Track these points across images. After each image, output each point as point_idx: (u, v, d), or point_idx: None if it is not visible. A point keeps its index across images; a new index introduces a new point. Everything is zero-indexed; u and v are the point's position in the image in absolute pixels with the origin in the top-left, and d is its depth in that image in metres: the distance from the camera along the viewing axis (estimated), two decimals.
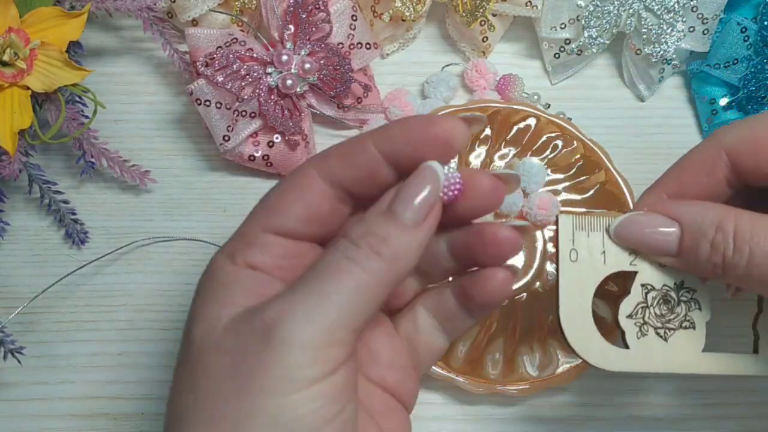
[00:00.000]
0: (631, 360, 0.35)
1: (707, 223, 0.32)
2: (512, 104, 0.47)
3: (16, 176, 0.45)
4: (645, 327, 0.35)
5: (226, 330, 0.29)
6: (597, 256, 0.34)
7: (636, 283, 0.35)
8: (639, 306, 0.35)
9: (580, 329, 0.34)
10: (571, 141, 0.47)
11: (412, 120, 0.31)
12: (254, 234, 0.31)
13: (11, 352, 0.43)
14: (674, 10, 0.47)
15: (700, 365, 0.35)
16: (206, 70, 0.44)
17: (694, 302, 0.35)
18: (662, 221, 0.34)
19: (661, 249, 0.34)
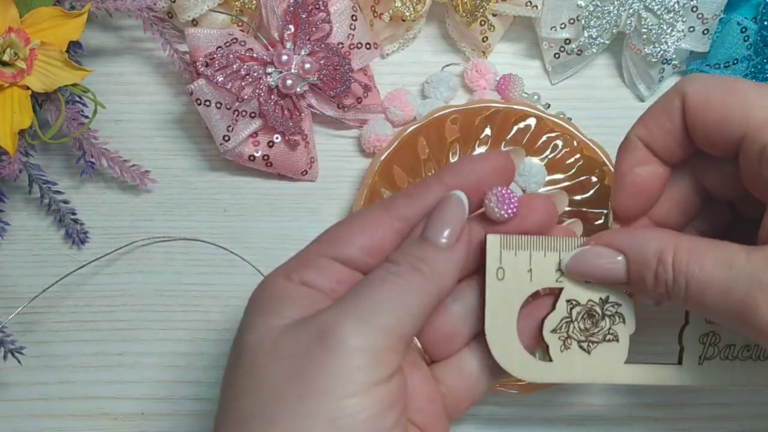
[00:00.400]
0: (553, 372, 0.36)
1: (649, 254, 0.33)
2: (512, 104, 0.47)
3: (16, 176, 0.45)
4: (569, 341, 0.36)
5: (282, 336, 0.30)
6: (523, 274, 0.35)
7: (561, 299, 0.36)
8: (563, 321, 0.36)
9: (504, 344, 0.35)
10: (571, 141, 0.47)
11: (474, 157, 0.36)
12: (313, 258, 0.33)
13: (11, 352, 0.43)
14: (674, 10, 0.47)
15: (622, 376, 0.36)
16: (206, 70, 0.44)
17: (618, 316, 0.36)
18: (608, 253, 0.34)
19: (613, 279, 0.35)
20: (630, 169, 0.36)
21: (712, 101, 0.33)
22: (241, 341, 0.31)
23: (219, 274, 0.47)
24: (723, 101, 0.33)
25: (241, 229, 0.48)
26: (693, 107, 0.34)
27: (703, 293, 0.32)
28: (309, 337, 0.29)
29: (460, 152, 0.47)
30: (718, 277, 0.31)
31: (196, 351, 0.46)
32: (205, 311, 0.47)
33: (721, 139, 0.33)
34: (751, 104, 0.32)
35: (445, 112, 0.47)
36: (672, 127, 0.35)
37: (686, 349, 0.37)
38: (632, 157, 0.36)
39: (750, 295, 0.30)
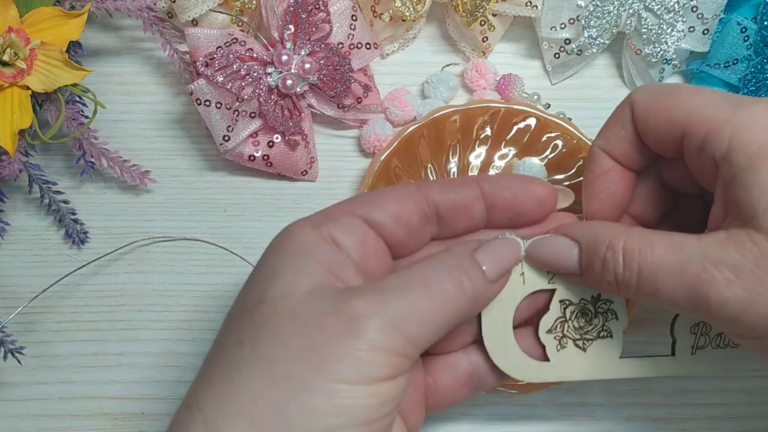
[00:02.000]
0: (551, 371, 0.37)
1: (599, 241, 0.34)
2: (512, 104, 0.47)
3: (16, 176, 0.45)
4: (564, 340, 0.37)
5: (305, 300, 0.30)
6: (516, 278, 0.36)
7: (555, 299, 0.37)
8: (558, 321, 0.37)
9: (501, 347, 0.36)
10: (571, 141, 0.47)
11: (518, 176, 0.38)
12: (341, 215, 0.33)
13: (11, 352, 0.43)
14: (674, 10, 0.47)
15: (618, 370, 0.37)
16: (206, 70, 0.44)
17: (611, 312, 0.37)
18: (565, 242, 0.35)
19: (566, 268, 0.35)
20: (596, 177, 0.37)
21: (656, 106, 0.35)
22: (261, 289, 0.31)
23: (219, 274, 0.47)
24: (666, 104, 0.34)
25: (241, 229, 0.48)
26: (641, 113, 0.35)
27: (656, 277, 0.32)
28: (335, 315, 0.30)
29: (460, 152, 0.47)
30: (670, 259, 0.32)
31: (196, 351, 0.46)
32: (205, 311, 0.47)
33: (669, 139, 0.34)
34: (692, 104, 0.34)
35: (445, 112, 0.47)
36: (626, 134, 0.36)
37: (679, 341, 0.38)
38: (597, 166, 0.37)
39: (706, 271, 0.31)
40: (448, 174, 0.47)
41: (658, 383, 0.46)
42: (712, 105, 0.33)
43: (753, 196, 0.31)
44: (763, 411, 0.46)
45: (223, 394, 0.29)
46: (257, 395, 0.29)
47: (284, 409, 0.28)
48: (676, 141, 0.34)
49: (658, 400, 0.46)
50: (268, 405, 0.28)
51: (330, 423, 0.28)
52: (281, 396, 0.29)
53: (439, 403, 0.37)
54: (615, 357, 0.37)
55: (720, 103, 0.33)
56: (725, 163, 0.32)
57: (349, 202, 0.34)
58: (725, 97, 0.34)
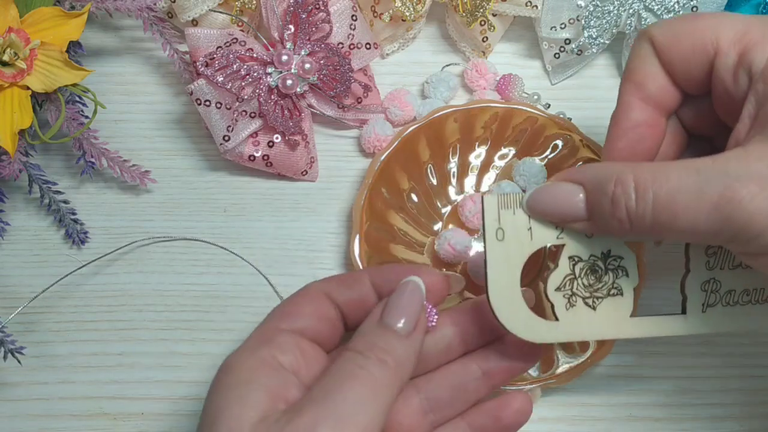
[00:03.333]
0: (559, 331, 0.35)
1: (605, 179, 0.32)
2: (512, 104, 0.47)
3: (16, 176, 0.45)
4: (573, 298, 0.36)
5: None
6: (523, 233, 0.35)
7: (563, 256, 0.35)
8: (567, 278, 0.35)
9: (508, 306, 0.35)
10: (571, 141, 0.47)
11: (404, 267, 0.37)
12: (272, 334, 0.34)
13: (11, 352, 0.43)
14: (674, 10, 0.47)
15: (629, 329, 0.36)
16: (206, 70, 0.44)
17: (621, 269, 0.36)
18: (568, 187, 0.34)
19: (572, 215, 0.34)
20: (623, 133, 0.36)
21: (680, 32, 0.33)
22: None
23: (219, 274, 0.47)
24: (692, 29, 0.33)
25: (241, 229, 0.48)
26: (665, 44, 0.34)
27: (674, 204, 0.31)
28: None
29: (460, 152, 0.47)
30: (687, 182, 0.30)
31: (196, 351, 0.46)
32: (205, 311, 0.47)
33: (698, 65, 0.33)
34: (720, 23, 0.33)
35: (445, 112, 0.47)
36: (656, 69, 0.35)
37: (689, 298, 0.36)
38: (626, 119, 0.36)
39: (729, 189, 0.30)
40: (448, 174, 0.47)
41: (657, 383, 0.46)
42: (743, 22, 0.32)
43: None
44: (763, 411, 0.46)
45: None
46: None
47: None
48: (705, 66, 0.33)
49: (658, 400, 0.46)
50: None
51: None
52: None
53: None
54: (626, 316, 0.36)
55: (751, 19, 0.32)
56: (761, 80, 0.31)
57: (272, 320, 0.35)
58: (751, 17, 0.33)
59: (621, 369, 0.46)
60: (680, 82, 0.35)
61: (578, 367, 0.44)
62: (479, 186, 0.47)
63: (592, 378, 0.45)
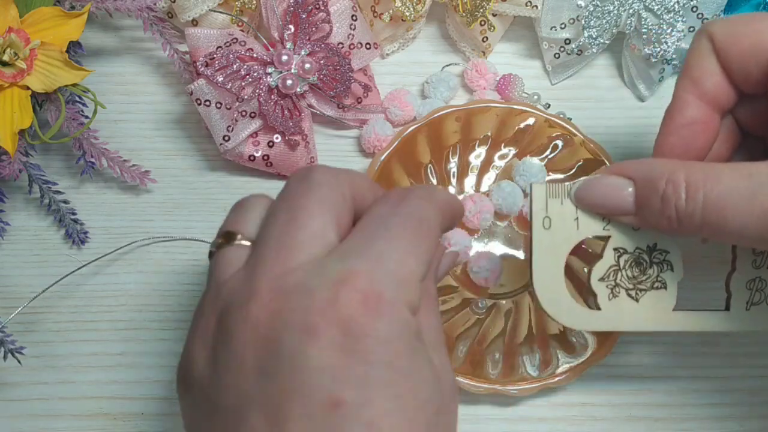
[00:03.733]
0: (601, 320, 0.36)
1: (657, 176, 0.33)
2: (512, 104, 0.47)
3: (16, 176, 0.45)
4: (617, 289, 0.36)
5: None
6: (570, 223, 0.35)
7: (609, 247, 0.36)
8: (611, 269, 0.36)
9: (552, 293, 0.35)
10: (571, 141, 0.47)
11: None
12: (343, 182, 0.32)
13: (11, 352, 0.43)
14: (674, 10, 0.47)
15: (671, 323, 0.36)
16: (206, 70, 0.44)
17: (666, 263, 0.36)
18: (618, 181, 0.34)
19: (620, 208, 0.34)
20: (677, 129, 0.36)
21: (740, 32, 0.33)
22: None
23: None
24: (753, 30, 0.33)
25: None
26: (724, 43, 0.34)
27: (724, 207, 0.31)
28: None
29: (460, 152, 0.47)
30: (739, 186, 0.30)
31: None
32: None
33: (756, 66, 0.33)
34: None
35: (445, 112, 0.47)
36: (714, 66, 0.35)
37: (733, 295, 0.37)
38: (681, 116, 0.35)
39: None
40: (448, 174, 0.47)
41: (657, 383, 0.46)
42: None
43: None
44: (763, 411, 0.46)
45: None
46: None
47: None
48: (763, 66, 0.33)
49: (658, 400, 0.46)
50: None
51: None
52: None
53: None
54: (668, 309, 0.36)
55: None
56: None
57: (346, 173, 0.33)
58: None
59: (621, 369, 0.46)
60: (737, 81, 0.35)
61: (578, 367, 0.44)
62: (479, 186, 0.47)
63: (592, 378, 0.45)
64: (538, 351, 0.44)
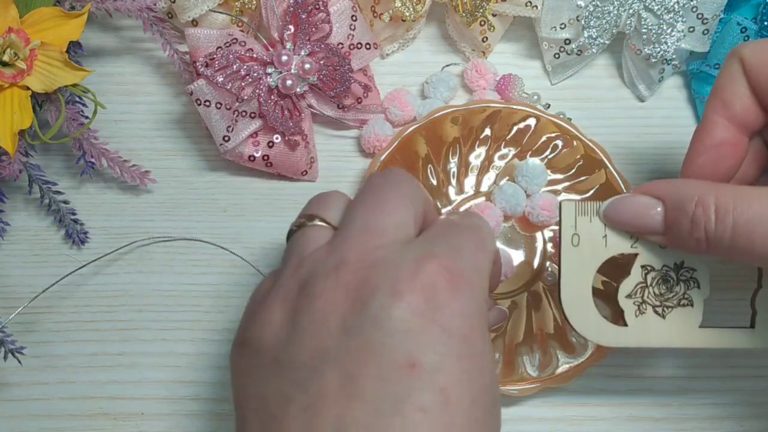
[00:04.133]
0: (628, 336, 0.37)
1: (686, 198, 0.33)
2: (512, 104, 0.47)
3: (16, 176, 0.45)
4: (644, 306, 0.37)
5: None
6: (598, 240, 0.36)
7: (636, 264, 0.36)
8: (638, 286, 0.36)
9: (580, 309, 0.36)
10: (571, 141, 0.47)
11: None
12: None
13: (11, 352, 0.43)
14: (674, 10, 0.47)
15: (697, 339, 0.37)
16: (206, 71, 0.44)
17: (693, 281, 0.37)
18: (647, 201, 0.35)
19: (648, 228, 0.35)
20: (705, 150, 0.36)
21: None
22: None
23: (219, 274, 0.47)
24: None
25: (241, 229, 0.48)
26: (755, 66, 0.34)
27: (753, 232, 0.31)
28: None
29: (460, 152, 0.47)
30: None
31: (196, 351, 0.46)
32: (205, 311, 0.47)
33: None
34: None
35: (445, 112, 0.47)
36: (744, 89, 0.35)
37: (759, 313, 0.37)
38: (709, 137, 0.36)
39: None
40: (448, 174, 0.47)
41: (657, 383, 0.46)
42: None
43: None
44: (763, 411, 0.46)
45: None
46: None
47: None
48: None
49: (658, 400, 0.46)
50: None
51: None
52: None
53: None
54: (695, 326, 0.37)
55: None
56: None
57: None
58: None
59: (621, 369, 0.46)
60: (767, 103, 0.35)
61: (578, 367, 0.44)
62: (479, 186, 0.47)
63: (592, 378, 0.45)
64: (537, 351, 0.44)
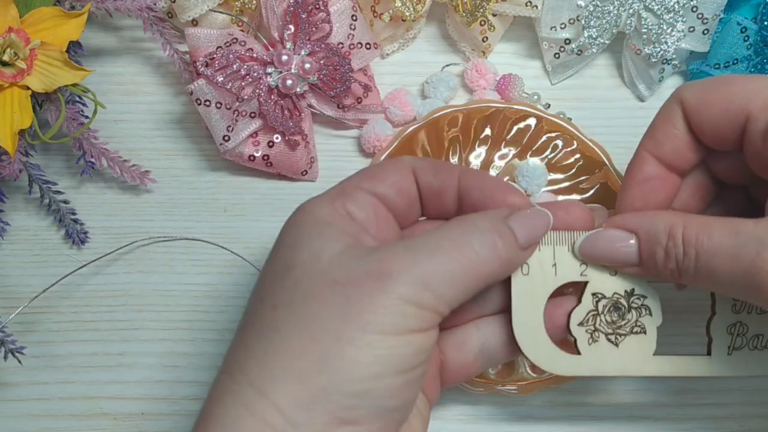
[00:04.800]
0: (582, 365, 0.36)
1: (660, 231, 0.34)
2: (512, 104, 0.47)
3: (16, 176, 0.45)
4: (596, 334, 0.37)
5: (335, 261, 0.31)
6: (548, 269, 0.36)
7: (587, 292, 0.36)
8: (590, 314, 0.36)
9: (533, 338, 0.36)
10: (571, 141, 0.47)
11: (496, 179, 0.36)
12: (352, 189, 0.34)
13: (11, 352, 0.43)
14: (674, 10, 0.47)
15: (652, 368, 0.37)
16: (206, 70, 0.44)
17: (644, 308, 0.37)
18: (620, 234, 0.35)
19: (624, 261, 0.35)
20: (636, 184, 0.37)
21: (711, 97, 0.34)
22: (288, 256, 0.32)
23: (219, 274, 0.47)
24: (722, 94, 0.34)
25: (241, 229, 0.48)
26: (694, 107, 0.35)
27: (713, 261, 0.32)
28: (366, 273, 0.31)
29: (460, 152, 0.47)
30: (726, 244, 0.32)
31: (196, 351, 0.46)
32: (205, 311, 0.47)
33: (728, 129, 0.34)
34: (749, 89, 0.34)
35: (445, 112, 0.47)
36: (678, 132, 0.36)
37: (715, 340, 0.37)
38: (639, 172, 0.37)
39: (760, 257, 0.31)
40: None
41: (657, 383, 0.46)
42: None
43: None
44: (763, 411, 0.46)
45: (264, 355, 0.30)
46: (298, 352, 0.30)
47: (326, 362, 0.29)
48: (735, 130, 0.34)
49: (658, 400, 0.46)
50: (310, 360, 0.30)
51: (370, 371, 0.30)
52: (322, 350, 0.30)
53: (452, 379, 0.37)
54: (649, 354, 0.37)
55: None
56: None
57: (355, 178, 0.35)
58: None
59: None
60: (710, 143, 0.36)
61: None
62: None
63: (592, 378, 0.45)
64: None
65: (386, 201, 0.35)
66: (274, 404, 0.29)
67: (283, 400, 0.29)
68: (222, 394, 0.31)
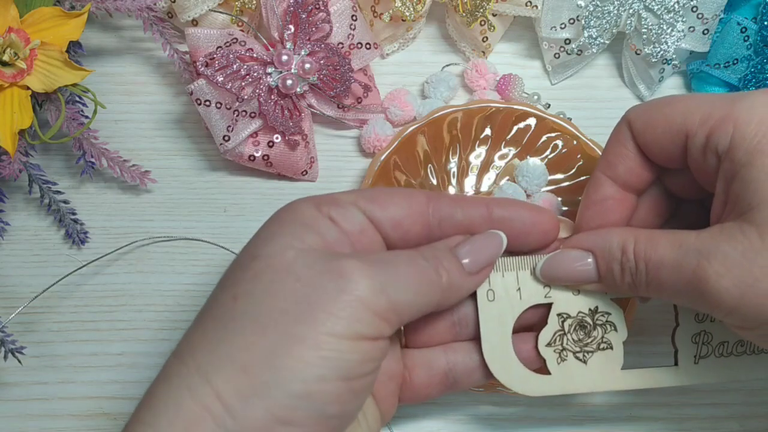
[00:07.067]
0: (552, 384, 0.37)
1: (614, 247, 0.35)
2: (512, 104, 0.47)
3: (16, 176, 0.45)
4: (564, 353, 0.37)
5: (298, 257, 0.32)
6: (513, 293, 0.37)
7: (552, 313, 0.37)
8: (557, 334, 0.37)
9: (502, 361, 0.37)
10: (571, 141, 0.47)
11: (527, 205, 0.37)
12: (345, 201, 0.34)
13: (11, 352, 0.43)
14: (674, 10, 0.47)
15: (621, 382, 0.38)
16: (206, 70, 0.44)
17: (609, 324, 0.37)
18: (578, 254, 0.37)
19: (584, 279, 0.37)
20: (592, 204, 0.38)
21: (654, 117, 0.36)
22: (257, 248, 0.33)
23: (219, 274, 0.47)
24: (664, 114, 0.35)
25: (241, 229, 0.48)
26: (640, 128, 0.36)
27: (659, 273, 0.34)
28: (326, 273, 0.31)
29: (460, 152, 0.47)
30: (670, 257, 0.33)
31: None
32: None
33: (672, 147, 0.35)
34: (688, 108, 0.35)
35: (445, 112, 0.47)
36: (628, 152, 0.37)
37: (681, 350, 0.38)
38: (595, 193, 0.38)
39: (700, 267, 0.32)
40: (448, 174, 0.47)
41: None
42: (709, 103, 0.34)
43: (749, 190, 0.32)
44: (763, 411, 0.46)
45: (217, 343, 0.31)
46: (248, 344, 0.30)
47: (273, 357, 0.30)
48: (679, 148, 0.35)
49: (658, 400, 0.46)
50: (257, 353, 0.30)
51: (314, 373, 0.30)
52: (271, 345, 0.30)
53: (412, 397, 0.38)
54: (617, 368, 0.37)
55: (717, 100, 0.34)
56: (727, 159, 0.33)
57: (355, 193, 0.35)
58: (721, 95, 0.34)
59: None
60: (659, 161, 0.37)
61: None
62: (479, 186, 0.47)
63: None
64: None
65: (379, 228, 0.35)
66: (216, 392, 0.30)
67: (225, 388, 0.30)
68: (170, 376, 0.31)
